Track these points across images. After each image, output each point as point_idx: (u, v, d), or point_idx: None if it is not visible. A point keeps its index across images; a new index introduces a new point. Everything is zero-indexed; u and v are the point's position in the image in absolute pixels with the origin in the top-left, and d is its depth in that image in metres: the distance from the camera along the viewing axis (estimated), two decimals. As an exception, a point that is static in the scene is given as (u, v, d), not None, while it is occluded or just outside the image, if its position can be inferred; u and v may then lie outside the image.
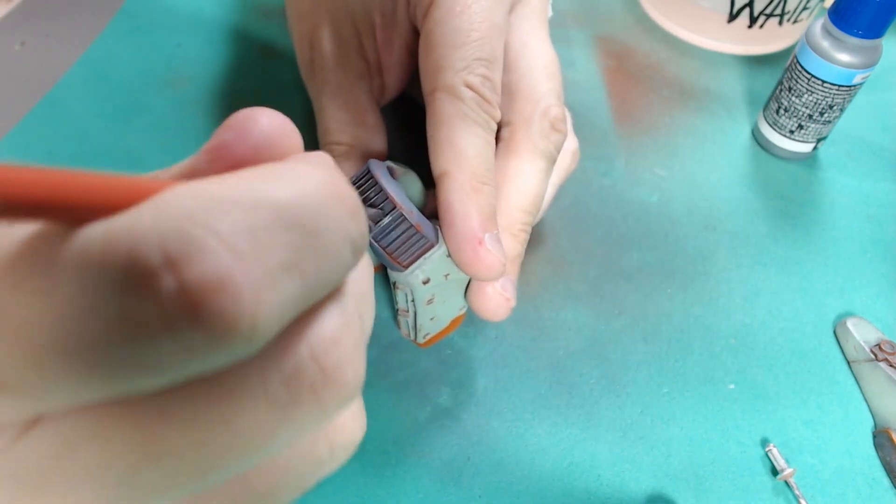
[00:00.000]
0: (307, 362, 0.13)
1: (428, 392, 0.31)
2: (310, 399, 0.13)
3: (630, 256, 0.37)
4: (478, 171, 0.27)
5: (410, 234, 0.26)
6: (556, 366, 0.33)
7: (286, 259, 0.12)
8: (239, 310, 0.11)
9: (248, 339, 0.11)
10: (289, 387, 0.13)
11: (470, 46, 0.28)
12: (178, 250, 0.10)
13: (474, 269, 0.26)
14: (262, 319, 0.11)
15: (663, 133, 0.43)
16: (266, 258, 0.11)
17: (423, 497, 0.29)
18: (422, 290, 0.27)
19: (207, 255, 0.11)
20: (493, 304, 0.28)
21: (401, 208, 0.26)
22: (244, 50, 0.44)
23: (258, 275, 0.11)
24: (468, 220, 0.26)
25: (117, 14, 0.45)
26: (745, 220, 0.39)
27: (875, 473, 0.30)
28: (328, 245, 0.13)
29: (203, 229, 0.11)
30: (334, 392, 0.13)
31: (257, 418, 0.12)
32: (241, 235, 0.11)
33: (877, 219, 0.39)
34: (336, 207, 0.13)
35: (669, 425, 0.31)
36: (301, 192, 0.13)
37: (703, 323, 0.35)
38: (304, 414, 0.13)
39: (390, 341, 0.33)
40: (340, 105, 0.32)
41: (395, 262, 0.26)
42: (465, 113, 0.27)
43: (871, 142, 0.43)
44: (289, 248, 0.12)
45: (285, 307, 0.12)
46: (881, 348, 0.32)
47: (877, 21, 0.34)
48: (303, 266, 0.12)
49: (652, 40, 0.48)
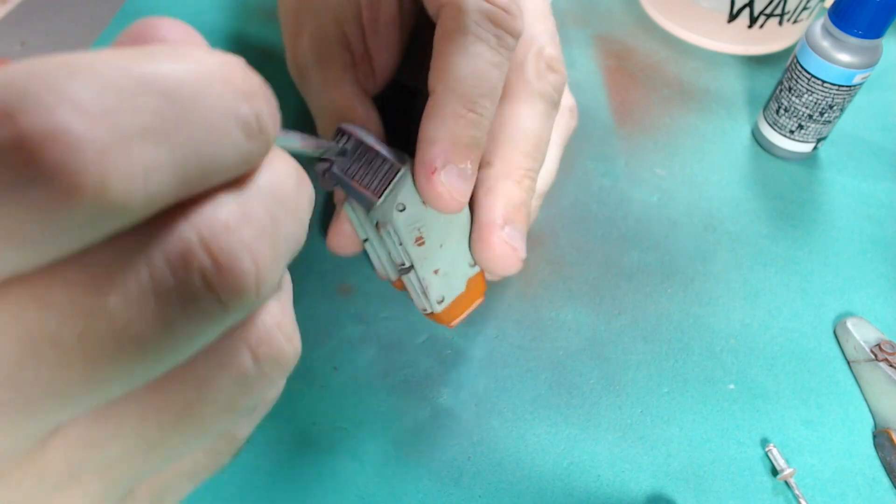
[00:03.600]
0: (195, 246, 0.12)
1: (428, 392, 0.31)
2: (204, 289, 0.12)
3: (630, 256, 0.37)
4: (466, 95, 0.24)
5: (371, 158, 0.24)
6: (556, 366, 0.33)
7: (148, 124, 0.11)
8: (82, 166, 0.10)
9: (100, 202, 0.11)
10: (176, 270, 0.12)
11: None
12: (14, 101, 0.10)
13: (427, 199, 0.25)
14: (116, 182, 0.11)
15: (663, 133, 0.43)
16: (119, 118, 0.11)
17: (423, 497, 0.29)
18: (402, 220, 0.26)
19: (47, 107, 0.10)
20: (500, 254, 0.26)
21: (356, 135, 0.24)
22: (243, 51, 0.44)
23: (107, 131, 0.11)
24: (430, 146, 0.24)
25: (117, 14, 0.45)
26: (745, 220, 0.39)
27: (875, 473, 0.30)
28: (206, 119, 0.12)
29: (45, 85, 0.10)
30: (231, 283, 0.13)
31: (145, 305, 0.12)
32: (90, 93, 0.11)
33: (877, 219, 0.39)
34: (221, 88, 0.13)
35: (669, 425, 0.31)
36: (176, 67, 0.12)
37: (703, 323, 0.35)
38: (201, 306, 0.12)
39: (390, 341, 0.33)
40: (330, 102, 0.31)
41: (364, 189, 0.25)
42: (466, 27, 0.24)
43: (871, 142, 0.43)
44: (152, 114, 0.11)
45: (151, 176, 0.11)
46: (881, 348, 0.32)
47: (877, 21, 0.34)
48: (172, 136, 0.12)
49: (652, 40, 0.48)
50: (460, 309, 0.30)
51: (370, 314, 0.33)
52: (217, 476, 0.29)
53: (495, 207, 0.27)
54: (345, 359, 0.32)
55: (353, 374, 0.32)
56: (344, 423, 0.30)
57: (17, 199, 0.10)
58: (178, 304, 0.12)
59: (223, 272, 0.13)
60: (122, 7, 0.45)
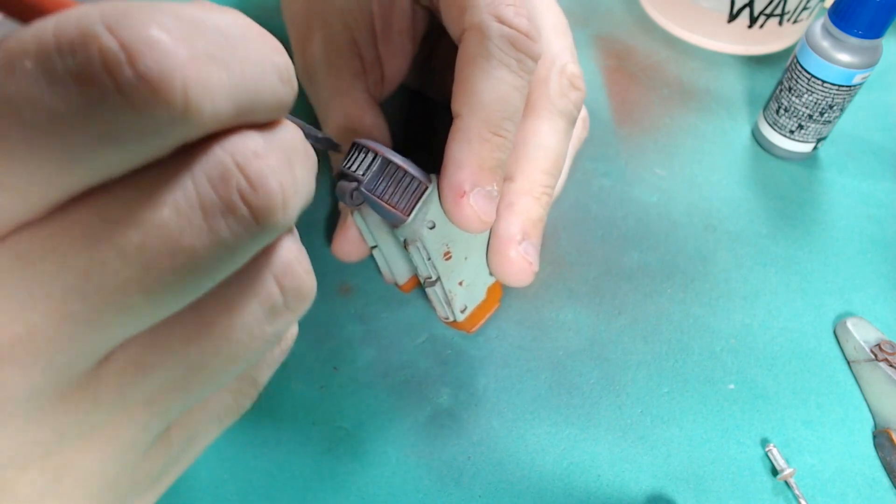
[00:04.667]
0: (231, 167, 0.14)
1: (428, 392, 0.31)
2: (241, 204, 0.14)
3: (630, 256, 0.37)
4: (491, 119, 0.25)
5: (400, 177, 0.25)
6: (556, 366, 0.33)
7: (214, 50, 0.13)
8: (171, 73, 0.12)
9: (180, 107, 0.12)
10: (217, 187, 0.13)
11: None
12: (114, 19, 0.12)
13: (453, 220, 0.25)
14: (194, 92, 0.12)
15: (663, 133, 0.43)
16: (194, 43, 0.13)
17: (423, 497, 0.29)
18: (431, 238, 0.26)
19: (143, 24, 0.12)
20: (516, 268, 0.27)
21: (383, 154, 0.25)
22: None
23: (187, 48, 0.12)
24: (457, 170, 0.25)
25: (117, 14, 0.45)
26: (745, 220, 0.39)
27: (875, 473, 0.30)
28: (252, 59, 0.14)
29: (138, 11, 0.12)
30: (262, 200, 0.14)
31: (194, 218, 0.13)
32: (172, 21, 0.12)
33: (877, 219, 0.39)
34: (260, 38, 0.15)
35: (669, 425, 0.31)
36: (224, 17, 0.14)
37: (703, 323, 0.35)
38: (240, 220, 0.14)
39: (390, 341, 0.33)
40: (339, 109, 0.31)
41: (393, 207, 0.25)
42: (489, 52, 0.25)
43: (871, 142, 0.43)
44: (215, 46, 0.13)
45: (216, 94, 0.13)
46: (881, 348, 0.32)
47: (877, 21, 0.34)
48: (230, 64, 0.13)
49: (652, 40, 0.48)
50: (480, 315, 0.31)
51: (370, 314, 0.33)
52: (218, 476, 0.29)
53: (514, 223, 0.27)
54: (345, 359, 0.32)
55: (353, 374, 0.32)
56: (344, 423, 0.30)
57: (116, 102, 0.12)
58: (221, 217, 0.14)
59: (256, 189, 0.14)
60: (122, 7, 0.45)
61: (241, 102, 0.14)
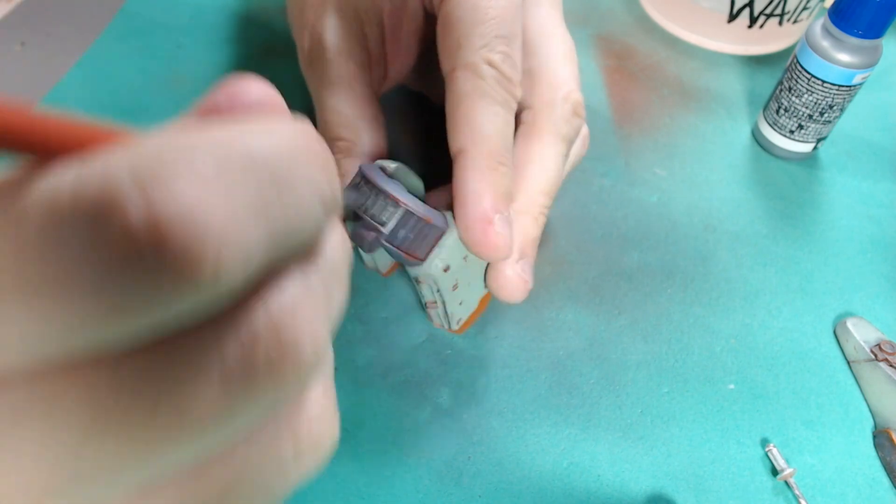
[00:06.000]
0: (264, 330, 0.12)
1: (428, 392, 0.31)
2: (266, 371, 0.12)
3: (630, 256, 0.37)
4: (495, 150, 0.27)
5: (420, 227, 0.26)
6: (556, 366, 0.33)
7: (254, 202, 0.11)
8: (205, 244, 0.10)
9: (213, 280, 0.11)
10: (244, 355, 0.12)
11: (489, 24, 0.27)
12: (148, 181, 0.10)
13: (481, 250, 0.26)
14: (227, 260, 0.11)
15: (663, 133, 0.43)
16: (234, 197, 0.11)
17: (423, 497, 0.29)
18: (444, 277, 0.27)
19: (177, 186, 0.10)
20: (512, 286, 0.28)
21: (404, 204, 0.26)
22: (244, 50, 0.44)
23: (226, 212, 0.11)
24: (480, 200, 0.26)
25: (117, 14, 0.45)
26: (745, 220, 0.39)
27: (875, 473, 0.30)
28: (297, 196, 0.12)
29: (173, 165, 0.11)
30: (292, 365, 0.12)
31: (212, 389, 0.12)
32: (211, 171, 0.11)
33: (877, 219, 0.39)
34: (307, 161, 0.13)
35: (669, 425, 0.31)
36: (272, 142, 0.12)
37: (703, 323, 0.35)
38: (261, 386, 0.12)
39: (390, 341, 0.33)
40: (341, 97, 0.31)
41: (412, 257, 0.26)
42: (484, 90, 0.27)
43: (871, 142, 0.43)
44: (257, 193, 0.12)
45: (251, 254, 0.11)
46: (881, 348, 0.32)
47: (877, 21, 0.34)
48: (270, 213, 0.12)
49: (652, 40, 0.48)
50: (471, 320, 0.32)
51: (370, 314, 0.33)
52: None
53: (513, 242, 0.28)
54: (345, 359, 0.32)
55: (353, 374, 0.32)
56: (344, 423, 0.30)
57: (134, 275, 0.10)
58: (241, 385, 0.12)
59: (287, 355, 0.12)
60: (122, 7, 0.45)
61: (279, 252, 0.12)
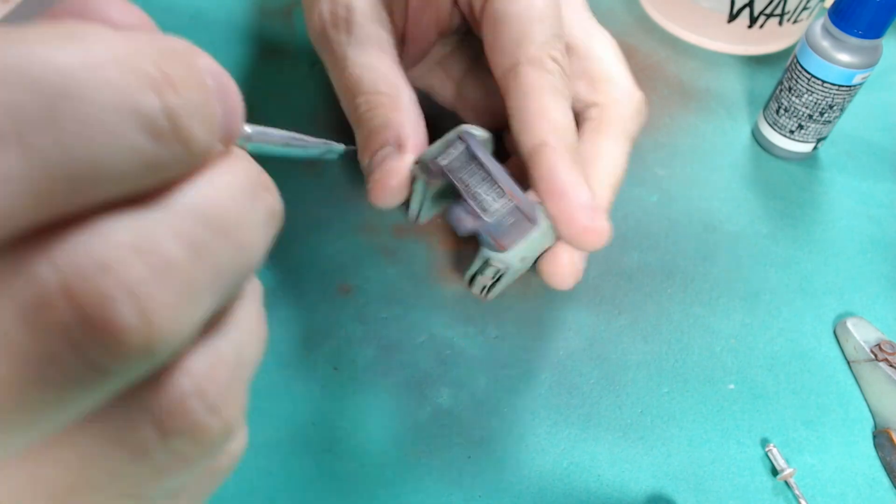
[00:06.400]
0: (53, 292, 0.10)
1: (428, 392, 0.31)
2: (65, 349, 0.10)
3: (630, 256, 0.37)
4: (572, 143, 0.27)
5: (520, 221, 0.27)
6: (556, 366, 0.33)
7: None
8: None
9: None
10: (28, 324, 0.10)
11: (548, 22, 0.28)
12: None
13: (588, 237, 0.27)
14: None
15: (663, 133, 0.43)
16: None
17: (423, 497, 0.29)
18: (517, 266, 0.28)
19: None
20: (566, 273, 0.29)
21: (515, 199, 0.26)
22: (244, 50, 0.44)
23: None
24: (581, 190, 0.27)
25: (117, 14, 0.45)
26: (745, 220, 0.39)
27: (875, 473, 0.30)
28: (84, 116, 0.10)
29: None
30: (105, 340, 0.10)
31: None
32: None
33: (877, 219, 0.39)
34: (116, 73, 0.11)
35: (669, 425, 0.31)
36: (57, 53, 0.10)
37: (703, 323, 0.35)
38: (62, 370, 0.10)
39: (390, 341, 0.33)
40: (374, 55, 0.29)
41: (498, 244, 0.27)
42: (554, 85, 0.28)
43: (871, 142, 0.43)
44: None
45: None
46: (881, 348, 0.32)
47: (877, 21, 0.34)
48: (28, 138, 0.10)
49: (652, 40, 0.48)
50: None
51: (370, 314, 0.33)
52: (217, 476, 0.29)
53: None
54: (345, 359, 0.32)
55: (353, 374, 0.32)
56: (344, 423, 0.30)
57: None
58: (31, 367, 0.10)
59: (92, 327, 0.10)
60: (122, 7, 0.45)
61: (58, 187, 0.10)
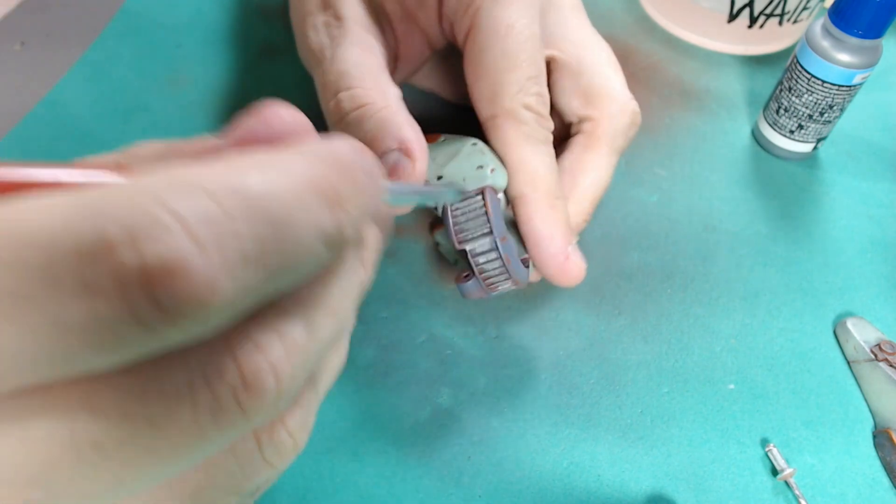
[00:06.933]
0: (230, 364, 0.13)
1: (428, 392, 0.31)
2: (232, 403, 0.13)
3: (630, 256, 0.37)
4: (551, 189, 0.29)
5: (505, 276, 0.28)
6: (556, 366, 0.33)
7: (249, 251, 0.12)
8: (191, 296, 0.11)
9: (200, 321, 0.11)
10: (212, 385, 0.13)
11: (521, 69, 0.28)
12: (140, 229, 0.11)
13: (560, 280, 0.29)
14: (214, 307, 0.11)
15: (663, 133, 0.43)
16: (226, 246, 0.12)
17: (423, 497, 0.29)
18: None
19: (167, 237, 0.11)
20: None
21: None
22: (244, 50, 0.44)
23: (216, 262, 0.11)
24: (553, 241, 0.28)
25: (117, 14, 0.45)
26: (745, 220, 0.39)
27: (875, 473, 0.30)
28: (296, 239, 0.13)
29: (168, 213, 0.11)
30: (255, 399, 0.13)
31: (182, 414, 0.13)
32: (204, 222, 0.11)
33: (877, 219, 0.39)
34: (310, 200, 0.13)
35: (669, 425, 0.31)
36: (276, 182, 0.13)
37: (703, 323, 0.35)
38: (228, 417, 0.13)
39: (390, 341, 0.33)
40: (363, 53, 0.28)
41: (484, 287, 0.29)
42: (528, 134, 0.28)
43: (871, 142, 0.43)
44: (253, 242, 0.12)
45: (239, 296, 0.12)
46: (881, 348, 0.32)
47: (877, 21, 0.34)
48: (265, 258, 0.12)
49: (652, 40, 0.48)
50: None
51: (370, 314, 0.33)
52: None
53: None
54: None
55: (353, 374, 0.32)
56: (344, 423, 0.30)
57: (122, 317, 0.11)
58: (209, 414, 0.13)
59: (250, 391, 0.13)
60: (122, 7, 0.45)
61: (269, 293, 0.13)
